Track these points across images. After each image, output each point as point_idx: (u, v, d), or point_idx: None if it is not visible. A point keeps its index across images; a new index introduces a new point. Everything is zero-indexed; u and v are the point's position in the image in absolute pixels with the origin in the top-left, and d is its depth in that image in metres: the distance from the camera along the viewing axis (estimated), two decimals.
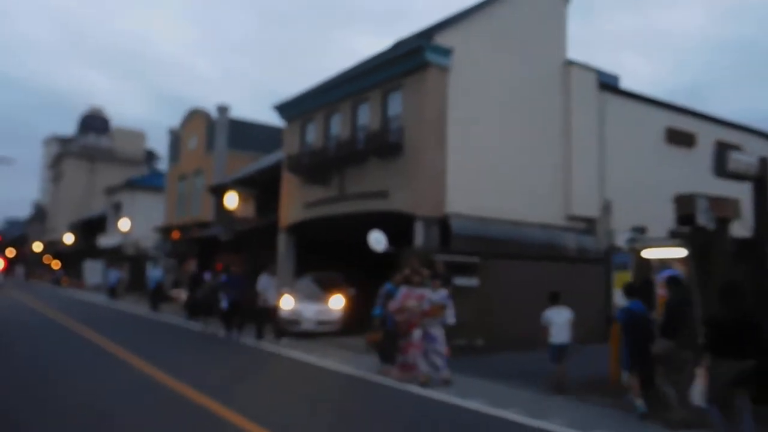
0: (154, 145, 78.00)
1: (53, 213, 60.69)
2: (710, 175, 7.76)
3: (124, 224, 35.68)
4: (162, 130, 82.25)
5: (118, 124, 66.38)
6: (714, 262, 7.55)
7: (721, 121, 22.11)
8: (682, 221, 7.93)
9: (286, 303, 15.13)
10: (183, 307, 20.31)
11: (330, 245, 18.78)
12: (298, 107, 19.61)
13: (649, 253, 9.15)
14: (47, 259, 56.56)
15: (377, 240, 13.72)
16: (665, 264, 8.91)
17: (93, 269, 40.24)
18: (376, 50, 20.95)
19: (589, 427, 6.56)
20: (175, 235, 30.96)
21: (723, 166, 7.49)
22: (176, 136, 33.97)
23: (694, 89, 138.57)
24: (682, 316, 6.93)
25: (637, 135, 18.96)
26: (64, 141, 64.72)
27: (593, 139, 17.84)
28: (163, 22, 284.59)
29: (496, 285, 12.93)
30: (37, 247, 60.71)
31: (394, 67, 15.61)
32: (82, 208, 54.86)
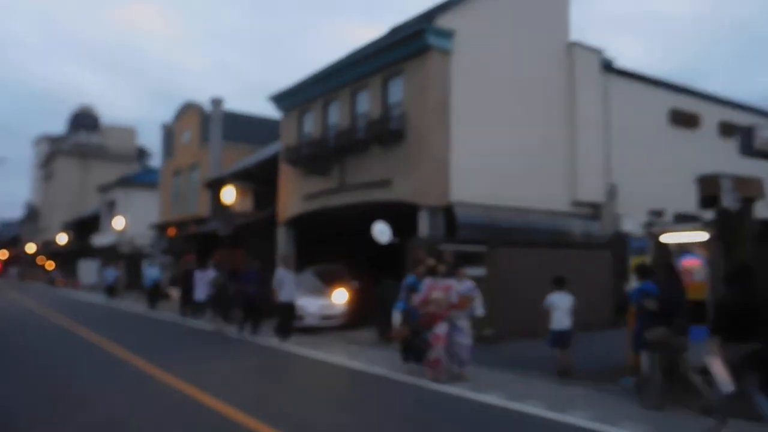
0: (147, 141, 77.33)
1: (46, 213, 60.04)
2: (715, 155, 7.55)
3: (119, 222, 35.22)
4: (153, 126, 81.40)
5: (108, 121, 65.69)
6: (738, 243, 7.32)
7: (725, 101, 21.56)
8: (706, 202, 7.70)
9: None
10: (180, 306, 19.80)
11: (331, 238, 18.42)
12: (295, 97, 19.17)
13: (667, 238, 8.85)
14: (41, 260, 55.94)
15: (381, 231, 13.40)
16: (684, 249, 8.65)
17: (88, 269, 39.70)
18: (369, 39, 20.47)
19: (613, 420, 6.28)
20: (171, 231, 30.56)
21: (750, 145, 7.24)
22: (169, 131, 33.47)
23: (691, 71, 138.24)
24: (675, 302, 6.90)
25: (642, 116, 18.61)
26: (54, 140, 63.89)
27: (598, 122, 17.50)
28: (149, 15, 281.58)
29: (503, 274, 12.68)
30: (31, 249, 60.04)
31: (394, 52, 15.19)
32: (76, 207, 54.29)
